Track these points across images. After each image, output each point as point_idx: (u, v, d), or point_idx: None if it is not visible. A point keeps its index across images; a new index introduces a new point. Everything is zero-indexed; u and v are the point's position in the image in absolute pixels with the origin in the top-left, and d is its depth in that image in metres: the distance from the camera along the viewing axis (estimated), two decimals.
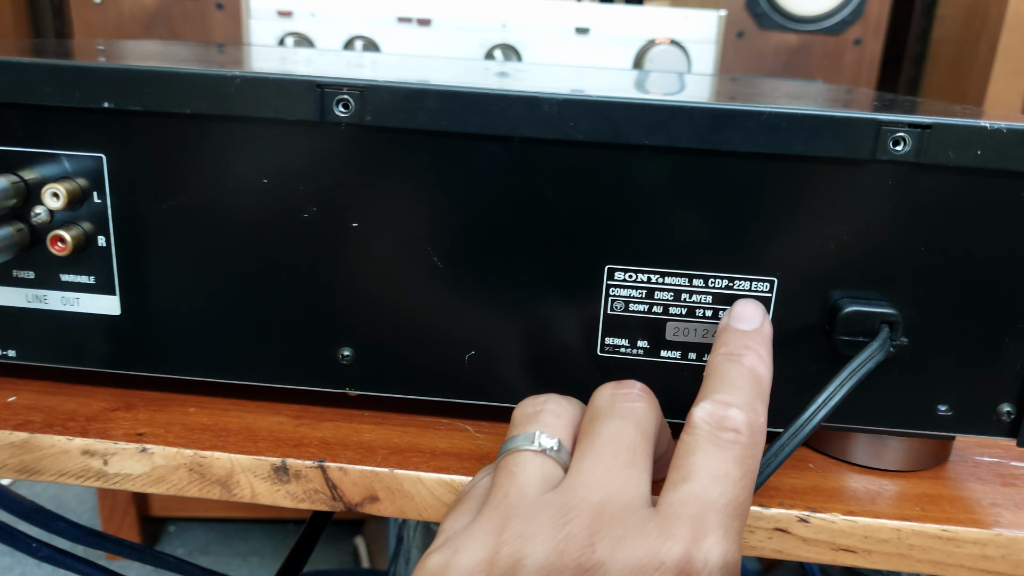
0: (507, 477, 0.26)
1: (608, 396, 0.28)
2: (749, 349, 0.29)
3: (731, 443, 0.25)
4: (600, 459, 0.26)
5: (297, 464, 0.33)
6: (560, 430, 0.28)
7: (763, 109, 0.29)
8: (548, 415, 0.28)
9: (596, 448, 0.26)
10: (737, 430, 0.26)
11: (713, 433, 0.26)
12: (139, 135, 0.32)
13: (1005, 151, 0.30)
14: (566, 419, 0.28)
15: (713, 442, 0.25)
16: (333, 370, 0.35)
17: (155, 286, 0.34)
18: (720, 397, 0.27)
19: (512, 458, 0.27)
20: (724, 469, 0.25)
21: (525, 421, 0.28)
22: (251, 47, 0.73)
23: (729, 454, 0.25)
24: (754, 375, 0.28)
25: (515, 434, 0.28)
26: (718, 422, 0.26)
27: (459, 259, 0.33)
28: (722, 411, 0.26)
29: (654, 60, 0.81)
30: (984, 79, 1.07)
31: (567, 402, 0.29)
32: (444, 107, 0.30)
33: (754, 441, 0.26)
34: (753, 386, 0.27)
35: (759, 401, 0.27)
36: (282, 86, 0.30)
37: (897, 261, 0.31)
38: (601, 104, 0.30)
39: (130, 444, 0.34)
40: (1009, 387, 0.33)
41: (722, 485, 0.25)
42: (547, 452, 0.27)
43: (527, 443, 0.27)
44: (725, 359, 0.28)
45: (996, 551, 0.32)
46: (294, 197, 0.32)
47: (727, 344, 0.29)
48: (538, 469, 0.26)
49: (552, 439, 0.27)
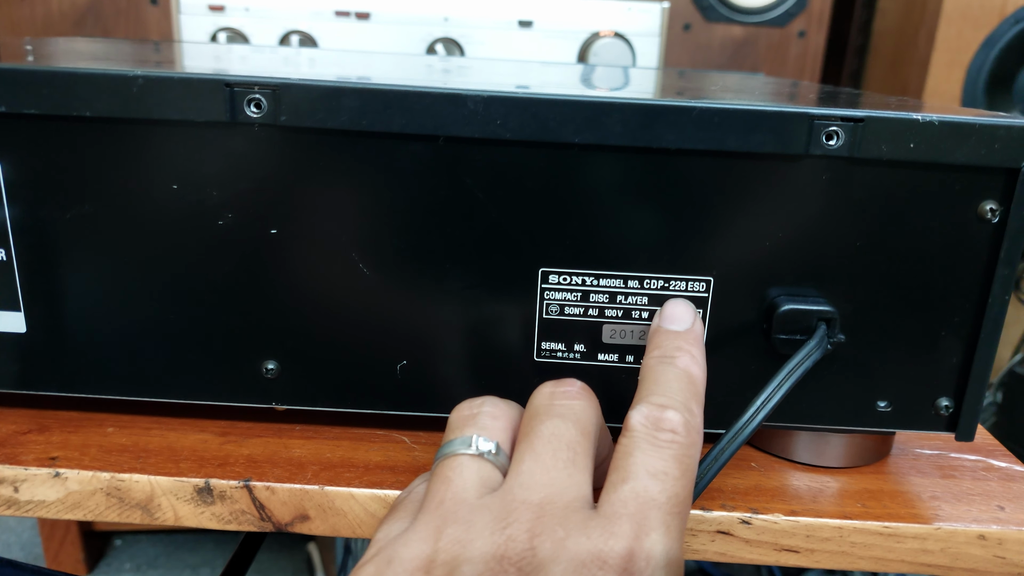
0: (443, 483, 0.25)
1: (547, 395, 0.28)
2: (682, 350, 0.29)
3: (669, 443, 0.25)
4: (539, 459, 0.25)
5: (221, 484, 0.32)
6: (498, 432, 0.27)
7: (695, 104, 0.29)
8: (485, 417, 0.27)
9: (535, 448, 0.25)
10: (674, 431, 0.26)
11: (651, 434, 0.26)
12: (37, 140, 0.30)
13: (938, 144, 0.29)
14: (504, 421, 0.27)
15: (651, 443, 0.25)
16: (257, 384, 0.33)
17: (63, 301, 0.32)
18: (655, 399, 0.27)
19: (448, 463, 0.26)
20: (663, 467, 0.25)
21: (461, 424, 0.27)
22: (182, 44, 0.70)
23: (667, 453, 0.25)
24: (688, 376, 0.28)
25: (451, 438, 0.27)
26: (655, 423, 0.26)
27: (386, 265, 0.31)
28: (658, 413, 0.26)
29: (598, 53, 0.80)
30: (923, 71, 1.09)
31: (505, 404, 0.28)
32: (364, 106, 0.29)
33: (691, 441, 0.26)
34: (688, 387, 0.27)
35: (694, 401, 0.27)
36: (189, 86, 0.28)
37: (833, 257, 0.31)
38: (528, 101, 0.29)
39: (42, 469, 0.32)
40: (946, 381, 0.33)
41: (661, 483, 0.24)
42: (485, 455, 0.26)
43: (464, 447, 0.26)
44: (658, 361, 0.28)
45: (936, 545, 0.32)
46: (207, 203, 0.30)
47: (660, 347, 0.29)
48: (475, 473, 0.25)
49: (490, 442, 0.26)
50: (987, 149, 0.29)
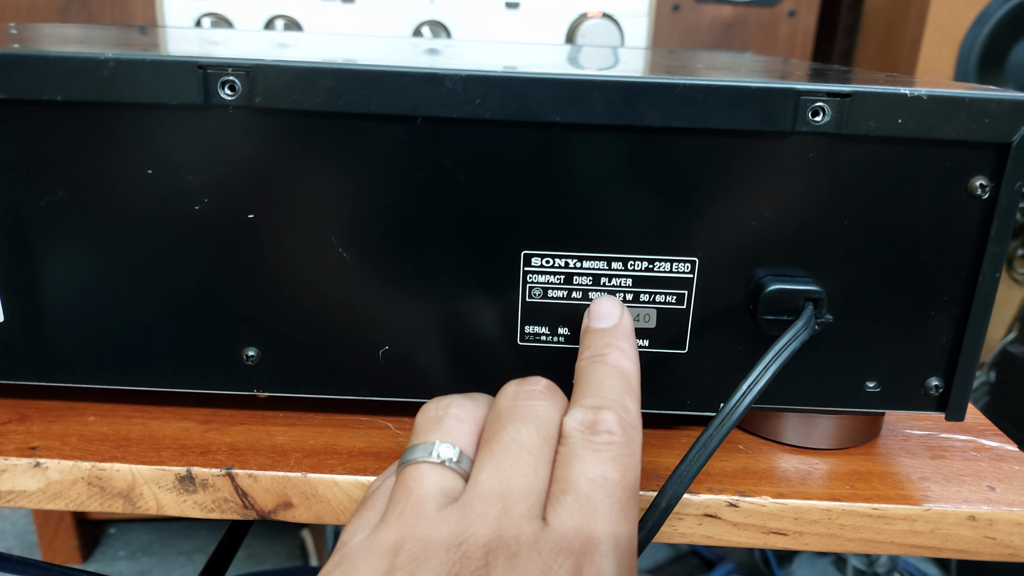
0: (404, 492, 0.25)
1: (511, 395, 0.27)
2: (611, 347, 0.28)
3: (606, 445, 0.25)
4: (499, 467, 0.25)
5: (203, 473, 0.31)
6: (462, 437, 0.27)
7: (677, 81, 0.28)
8: (450, 421, 0.27)
9: (495, 455, 0.25)
10: (610, 431, 0.26)
11: (587, 439, 0.26)
12: (8, 125, 0.29)
13: (927, 119, 0.29)
14: (469, 424, 0.27)
15: (588, 447, 0.25)
16: (238, 371, 0.32)
17: (40, 289, 0.32)
18: (588, 401, 0.27)
19: (410, 471, 0.26)
20: (603, 472, 0.25)
21: (427, 428, 0.27)
22: (164, 29, 0.69)
23: (605, 456, 0.25)
24: (619, 372, 0.28)
25: (415, 443, 0.27)
26: (590, 427, 0.26)
27: (366, 249, 0.31)
28: (592, 416, 0.26)
29: (586, 34, 0.79)
30: (915, 49, 1.08)
31: (472, 404, 0.28)
32: (340, 86, 0.28)
33: (628, 439, 0.26)
34: (620, 383, 0.27)
35: (628, 397, 0.27)
36: (161, 68, 0.28)
37: (820, 236, 0.30)
38: (508, 80, 0.28)
39: (22, 459, 0.32)
40: (936, 361, 0.32)
41: (603, 489, 0.24)
42: (446, 464, 0.26)
43: (425, 455, 0.26)
44: (590, 362, 0.28)
45: (925, 526, 0.31)
46: (183, 188, 0.30)
47: (590, 346, 0.29)
48: (436, 483, 0.25)
49: (452, 449, 0.26)
50: (977, 124, 0.28)
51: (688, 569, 1.24)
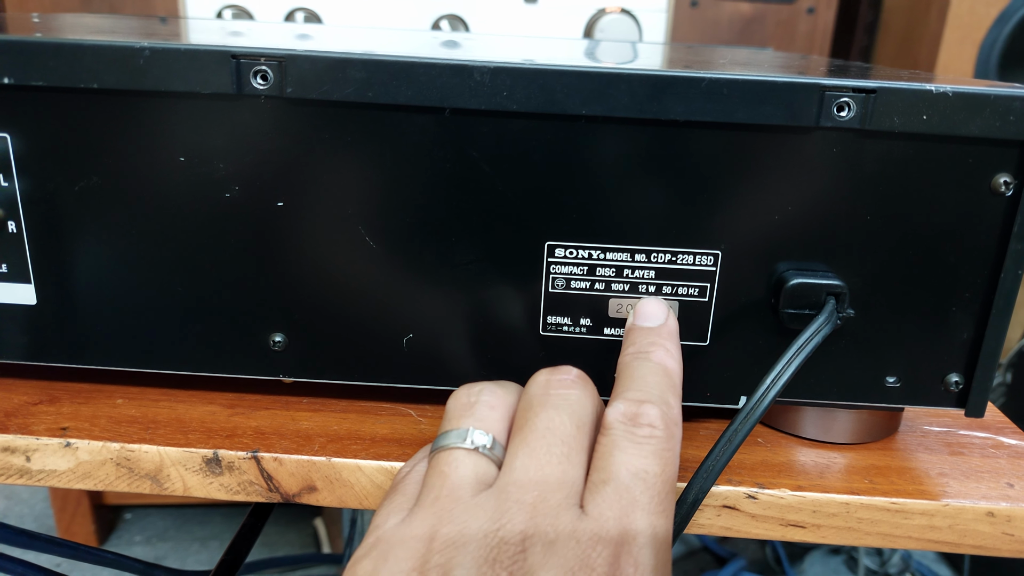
0: (439, 477, 0.25)
1: (542, 384, 0.28)
2: (656, 345, 0.29)
3: (647, 438, 0.26)
4: (533, 454, 0.25)
5: (230, 455, 0.32)
6: (495, 423, 0.27)
7: (704, 75, 0.28)
8: (482, 407, 0.27)
9: (529, 442, 0.26)
10: (652, 425, 0.26)
11: (629, 431, 0.26)
12: (45, 113, 0.30)
13: (952, 116, 0.29)
14: (501, 411, 0.27)
15: (630, 439, 0.26)
16: (265, 357, 0.33)
17: (72, 273, 0.32)
18: (632, 395, 0.27)
19: (444, 456, 0.26)
20: (643, 465, 0.25)
21: (459, 414, 0.27)
22: (189, 20, 0.70)
23: (647, 449, 0.25)
24: (663, 369, 0.28)
25: (448, 429, 0.27)
26: (632, 419, 0.26)
27: (392, 238, 0.31)
28: (635, 408, 0.26)
29: (604, 29, 0.79)
30: (935, 47, 1.07)
31: (503, 391, 0.28)
32: (370, 77, 0.28)
33: (669, 434, 0.26)
34: (663, 380, 0.28)
35: (671, 394, 0.27)
36: (195, 57, 0.28)
37: (843, 231, 0.31)
38: (535, 72, 0.28)
39: (53, 439, 0.32)
40: (957, 357, 0.32)
41: (643, 482, 0.25)
42: (480, 450, 0.26)
43: (459, 440, 0.26)
44: (634, 357, 0.29)
45: (943, 521, 0.31)
46: (214, 176, 0.30)
47: (635, 343, 0.29)
48: (471, 469, 0.25)
49: (486, 435, 0.26)
50: (1002, 121, 0.29)
51: (700, 565, 1.24)
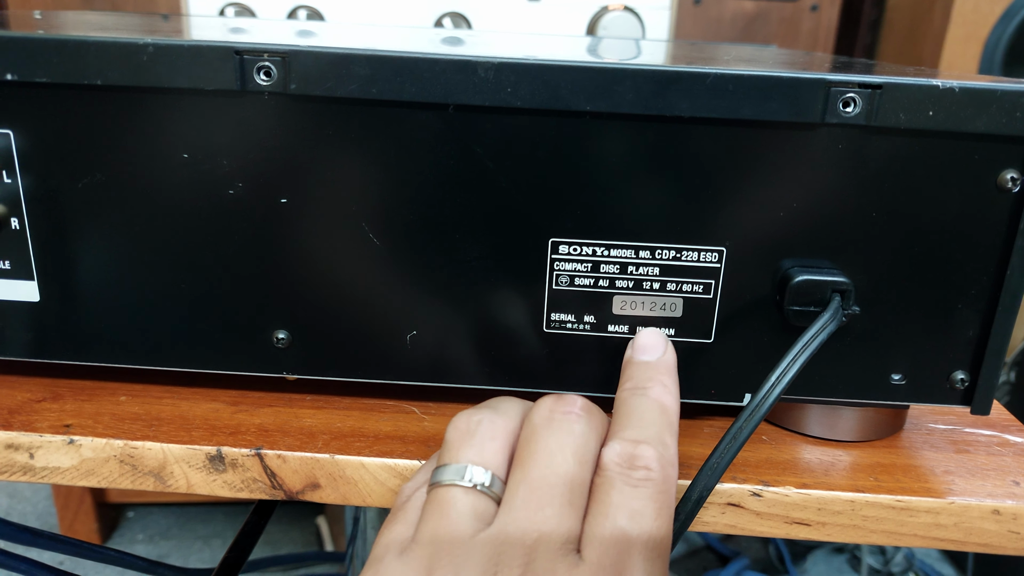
0: (437, 515, 0.25)
1: (546, 416, 0.27)
2: (653, 381, 0.29)
3: (643, 481, 0.26)
4: (533, 493, 0.25)
5: (233, 452, 0.32)
6: (494, 455, 0.27)
7: (709, 71, 0.28)
8: (483, 438, 0.27)
9: (529, 480, 0.25)
10: (648, 467, 0.26)
11: (624, 473, 0.26)
12: (48, 109, 0.30)
13: (958, 112, 0.29)
14: (501, 440, 0.27)
15: (626, 481, 0.26)
16: (268, 354, 0.33)
17: (75, 270, 0.32)
18: (628, 434, 0.27)
19: (442, 493, 0.26)
20: (639, 507, 0.25)
21: (458, 445, 0.27)
22: (191, 17, 0.70)
23: (643, 492, 0.25)
24: (660, 406, 0.28)
25: (446, 462, 0.27)
26: (628, 461, 0.26)
27: (396, 235, 0.31)
28: (631, 449, 0.26)
29: (607, 27, 0.79)
30: (939, 44, 1.07)
31: (502, 420, 0.28)
32: (373, 74, 0.28)
33: (665, 476, 0.26)
34: (660, 418, 0.28)
35: (667, 432, 0.27)
36: (198, 53, 0.28)
37: (848, 228, 0.30)
38: (539, 68, 0.28)
39: (57, 436, 0.32)
40: (962, 354, 0.32)
41: (639, 524, 0.25)
42: (478, 488, 0.26)
43: (457, 477, 0.26)
44: (631, 394, 0.29)
45: (949, 519, 0.31)
46: (218, 172, 0.30)
47: (632, 378, 0.29)
48: (469, 507, 0.25)
49: (485, 473, 0.26)
50: (1008, 117, 0.28)
51: (703, 564, 1.24)
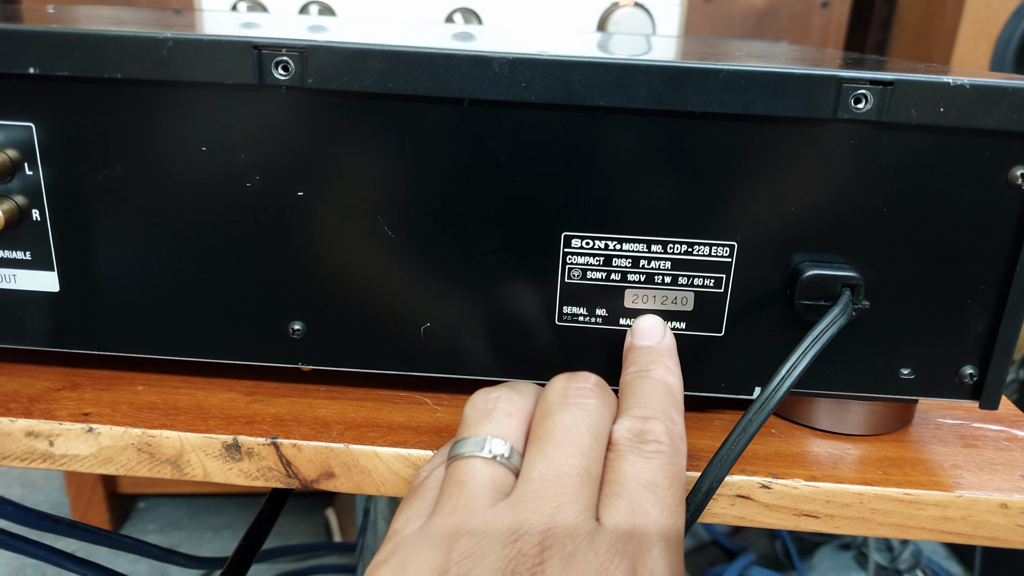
0: (456, 486, 0.26)
1: (560, 391, 0.28)
2: (656, 363, 0.30)
3: (655, 453, 0.26)
4: (551, 465, 0.25)
5: (249, 441, 0.32)
6: (512, 430, 0.27)
7: (721, 67, 0.28)
8: (500, 414, 0.27)
9: (547, 452, 0.26)
10: (659, 440, 0.26)
11: (635, 446, 0.26)
12: (69, 102, 0.30)
13: (969, 108, 0.29)
14: (519, 418, 0.28)
15: (638, 454, 0.26)
16: (284, 345, 0.33)
17: (95, 260, 0.33)
18: (637, 412, 0.27)
19: (461, 465, 0.26)
20: (652, 478, 0.26)
21: (477, 420, 0.27)
22: (204, 12, 0.70)
23: (655, 463, 0.26)
24: (665, 386, 0.29)
25: (465, 436, 0.27)
26: (639, 435, 0.27)
27: (410, 228, 0.31)
28: (641, 425, 0.27)
29: (618, 23, 0.79)
30: (950, 41, 1.07)
31: (520, 397, 0.28)
32: (390, 68, 0.29)
33: (675, 448, 0.27)
34: (666, 396, 0.28)
35: (674, 409, 0.28)
36: (217, 48, 0.28)
37: (859, 223, 0.31)
38: (553, 63, 0.29)
39: (76, 424, 0.33)
40: (971, 349, 0.32)
41: (653, 495, 0.25)
42: (498, 459, 0.26)
43: (477, 449, 0.26)
44: (635, 376, 0.29)
45: (957, 512, 0.32)
46: (236, 165, 0.31)
47: (635, 362, 0.30)
48: (488, 478, 0.26)
49: (504, 444, 0.27)
50: (1019, 114, 0.29)
51: (710, 559, 1.24)
